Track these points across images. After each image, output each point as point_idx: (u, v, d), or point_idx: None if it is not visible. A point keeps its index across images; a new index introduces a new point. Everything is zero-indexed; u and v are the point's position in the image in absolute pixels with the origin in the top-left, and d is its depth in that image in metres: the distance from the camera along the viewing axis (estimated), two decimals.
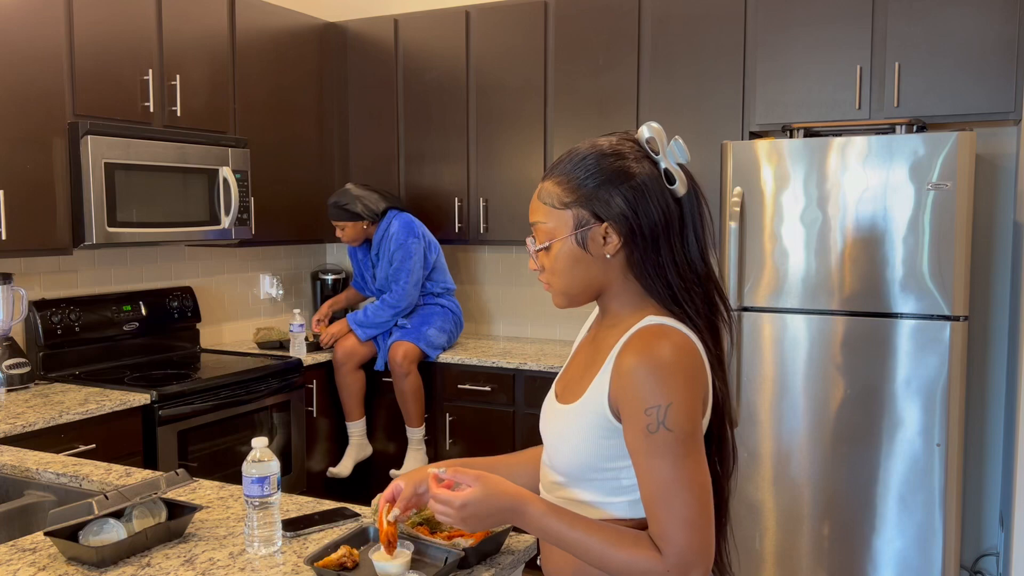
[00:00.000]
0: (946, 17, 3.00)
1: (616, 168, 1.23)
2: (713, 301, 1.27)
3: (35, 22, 2.86)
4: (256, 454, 1.53)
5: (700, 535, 1.15)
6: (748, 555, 3.06)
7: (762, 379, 2.99)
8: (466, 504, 1.21)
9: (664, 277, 1.25)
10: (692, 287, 1.25)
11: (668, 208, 1.23)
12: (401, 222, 3.70)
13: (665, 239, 1.24)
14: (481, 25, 3.85)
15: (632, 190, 1.22)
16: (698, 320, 1.25)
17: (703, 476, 1.17)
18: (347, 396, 3.75)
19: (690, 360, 1.19)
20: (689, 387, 1.17)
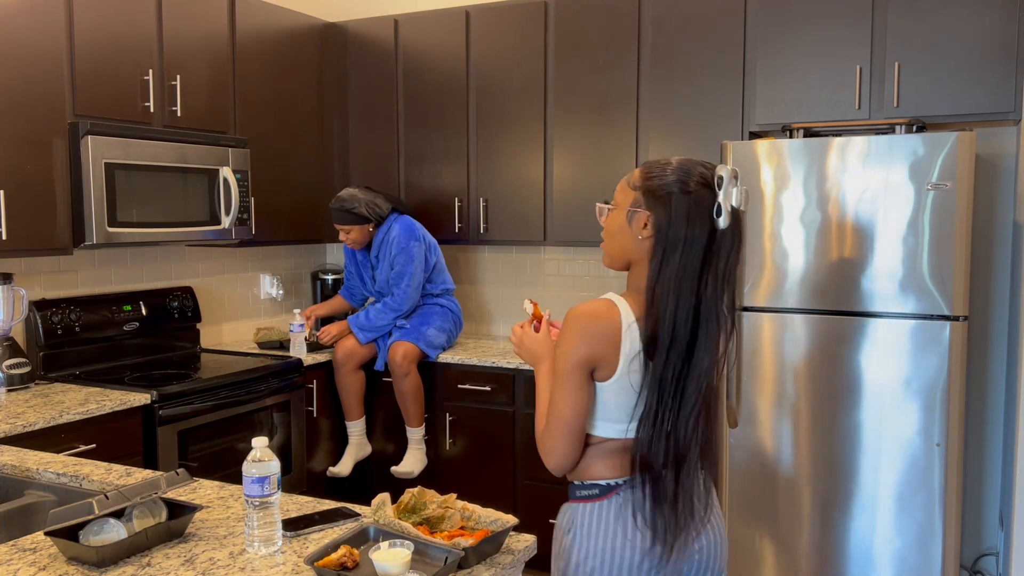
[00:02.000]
0: (946, 17, 3.00)
1: (679, 181, 1.50)
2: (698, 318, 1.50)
3: (35, 22, 2.87)
4: (256, 454, 1.53)
5: (545, 442, 1.57)
6: (748, 555, 3.06)
7: (762, 379, 3.00)
8: (523, 338, 1.70)
9: (663, 277, 1.49)
10: (681, 300, 1.49)
11: (699, 232, 1.49)
12: (402, 225, 3.69)
13: (684, 253, 1.49)
14: (481, 25, 3.85)
15: (678, 203, 1.49)
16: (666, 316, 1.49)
17: (565, 407, 1.53)
18: (347, 396, 3.75)
19: (592, 323, 1.51)
20: (576, 341, 1.51)
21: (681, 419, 1.53)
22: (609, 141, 3.62)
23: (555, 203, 3.75)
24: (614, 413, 1.56)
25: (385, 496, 1.63)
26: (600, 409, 1.56)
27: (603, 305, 1.53)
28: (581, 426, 1.55)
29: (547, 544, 3.59)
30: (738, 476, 3.05)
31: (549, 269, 4.17)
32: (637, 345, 1.52)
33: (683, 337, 1.50)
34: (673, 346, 1.50)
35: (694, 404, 1.53)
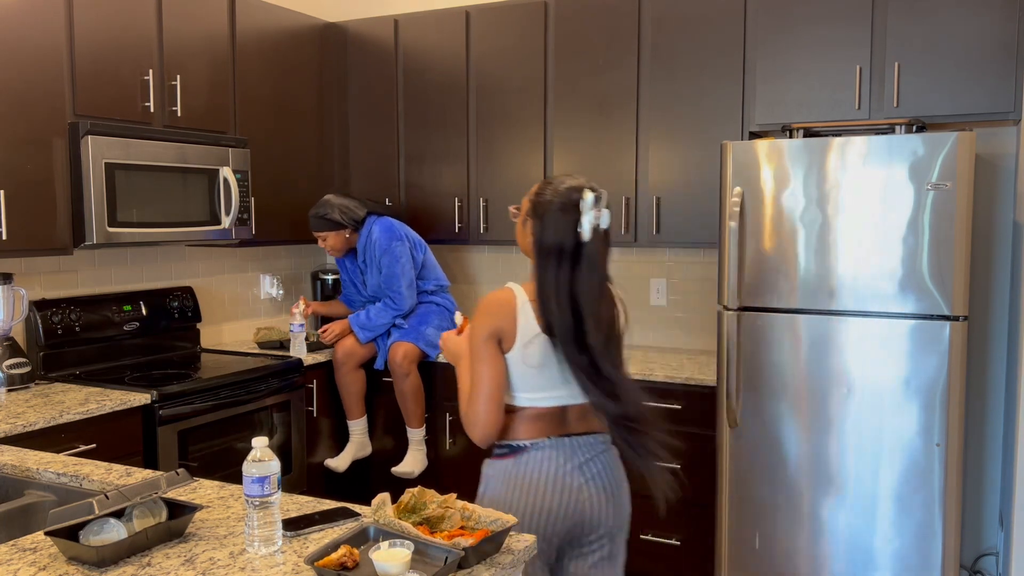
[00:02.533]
0: (946, 17, 3.00)
1: (554, 201, 1.86)
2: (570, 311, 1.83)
3: (35, 22, 2.87)
4: (256, 454, 1.53)
5: (470, 414, 1.85)
6: (748, 554, 3.06)
7: (761, 379, 3.00)
8: (447, 342, 2.03)
9: (540, 272, 1.86)
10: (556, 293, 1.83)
11: (567, 242, 1.83)
12: (382, 227, 3.67)
13: (555, 256, 1.84)
14: (481, 25, 3.85)
15: (551, 218, 1.85)
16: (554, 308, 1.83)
17: (483, 375, 1.84)
18: (347, 395, 3.75)
19: (495, 305, 1.88)
20: (483, 318, 1.87)
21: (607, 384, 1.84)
22: (609, 141, 3.63)
23: None
24: (521, 385, 1.89)
25: (385, 496, 1.63)
26: (521, 380, 1.90)
27: (502, 291, 1.92)
28: (500, 393, 1.86)
29: None
30: (737, 475, 3.05)
31: None
32: (533, 322, 1.87)
33: (567, 320, 1.83)
34: (562, 327, 1.83)
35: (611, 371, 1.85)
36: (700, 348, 3.87)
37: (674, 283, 3.91)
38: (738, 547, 3.07)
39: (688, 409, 3.26)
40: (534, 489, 1.85)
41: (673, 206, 3.52)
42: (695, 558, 3.30)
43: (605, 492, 1.91)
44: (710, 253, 3.82)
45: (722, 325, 3.04)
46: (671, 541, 3.32)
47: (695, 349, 3.87)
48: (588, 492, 1.88)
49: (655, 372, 3.31)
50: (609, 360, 1.85)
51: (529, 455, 1.86)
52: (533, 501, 1.85)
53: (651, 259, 3.95)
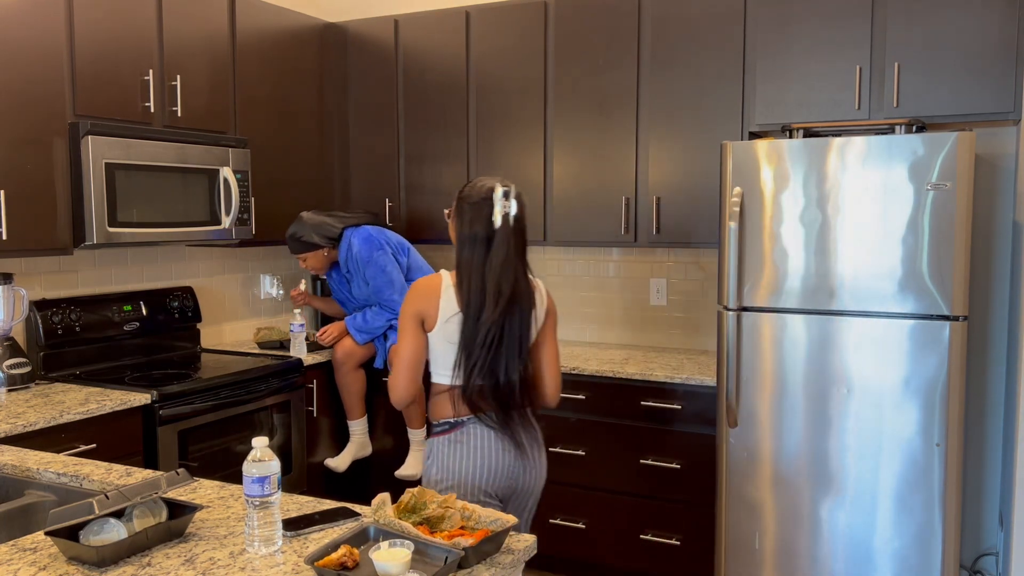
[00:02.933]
0: (946, 17, 3.00)
1: (470, 196, 2.15)
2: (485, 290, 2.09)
3: (35, 22, 2.87)
4: (256, 454, 1.53)
5: (392, 380, 2.17)
6: (748, 555, 3.06)
7: (761, 379, 3.00)
8: None
9: (459, 258, 2.14)
10: (471, 276, 2.11)
11: (480, 231, 2.11)
12: (360, 239, 3.64)
13: (469, 245, 2.12)
14: (481, 25, 3.85)
15: (466, 211, 2.14)
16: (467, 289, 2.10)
17: (405, 349, 2.14)
18: (347, 395, 3.75)
19: (421, 289, 2.16)
20: (410, 302, 2.15)
21: (498, 369, 2.11)
22: (609, 141, 3.63)
23: (555, 203, 3.76)
24: (447, 363, 2.15)
25: (385, 496, 1.63)
26: (437, 359, 2.17)
27: (432, 276, 2.20)
28: (417, 365, 2.16)
29: (546, 545, 3.60)
30: (737, 475, 3.05)
31: (549, 269, 4.18)
32: (454, 303, 2.13)
33: (476, 304, 2.10)
34: (471, 304, 2.10)
35: (507, 357, 2.11)
36: (700, 348, 3.87)
37: (674, 283, 3.91)
38: (738, 547, 3.07)
39: (688, 409, 3.26)
40: (472, 457, 2.13)
41: (673, 206, 3.52)
42: (695, 558, 3.30)
43: (529, 457, 2.20)
44: (710, 253, 3.82)
45: (722, 325, 3.04)
46: (671, 541, 3.32)
47: (695, 349, 3.87)
48: (517, 458, 2.17)
49: (655, 372, 3.31)
50: (498, 337, 2.10)
51: (465, 429, 2.15)
52: (473, 467, 2.13)
53: (651, 259, 3.95)
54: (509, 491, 2.19)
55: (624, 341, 4.04)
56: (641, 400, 3.34)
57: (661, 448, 3.32)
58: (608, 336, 4.07)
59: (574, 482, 3.49)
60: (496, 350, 2.10)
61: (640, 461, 3.36)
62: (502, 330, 2.11)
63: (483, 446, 2.13)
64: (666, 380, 3.27)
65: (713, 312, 3.84)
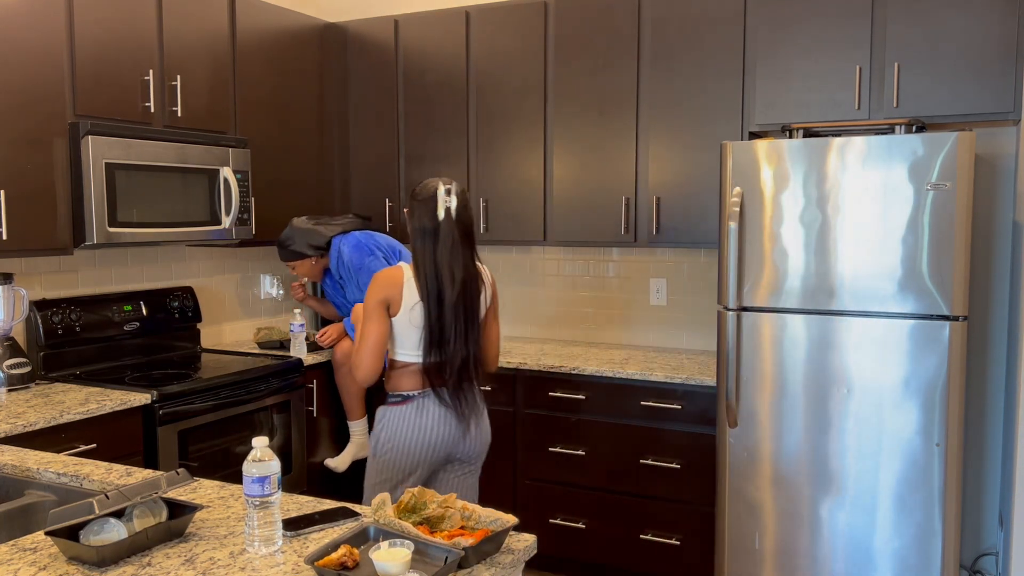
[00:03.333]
0: (946, 17, 3.00)
1: (419, 195, 2.44)
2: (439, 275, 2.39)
3: (36, 22, 2.87)
4: (257, 453, 1.53)
5: (356, 359, 2.41)
6: (748, 555, 3.06)
7: (761, 379, 3.00)
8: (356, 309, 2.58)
9: (413, 248, 2.42)
10: (425, 264, 2.39)
11: (428, 223, 2.40)
12: (350, 246, 3.62)
13: (422, 237, 2.41)
14: (481, 25, 3.85)
15: (416, 207, 2.44)
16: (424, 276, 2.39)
17: (371, 332, 2.39)
18: (347, 396, 3.75)
19: (386, 279, 2.42)
20: (377, 289, 2.40)
21: (457, 346, 2.40)
22: (609, 141, 3.63)
23: (555, 203, 3.76)
24: (408, 344, 2.44)
25: (385, 496, 1.63)
26: (401, 340, 2.44)
27: (395, 268, 2.45)
28: (381, 347, 2.40)
29: (546, 545, 3.60)
30: (737, 475, 3.05)
31: (549, 269, 4.18)
32: (415, 292, 2.40)
33: (433, 289, 2.38)
34: (429, 297, 2.38)
35: (453, 333, 2.40)
36: (700, 348, 3.87)
37: (674, 283, 3.91)
38: (738, 547, 3.08)
39: (688, 409, 3.26)
40: (420, 427, 2.43)
41: (673, 206, 3.52)
42: (695, 558, 3.30)
43: (472, 428, 2.50)
44: (710, 253, 3.82)
45: (722, 325, 3.04)
46: (671, 541, 3.33)
47: (695, 349, 3.87)
48: (460, 428, 2.46)
49: (655, 372, 3.31)
50: (456, 317, 2.40)
51: (416, 402, 2.44)
52: (419, 436, 2.43)
53: (651, 259, 3.95)
54: (446, 460, 2.51)
55: (624, 341, 4.04)
56: (641, 400, 3.34)
57: (661, 448, 3.32)
58: (608, 336, 4.07)
59: (574, 482, 3.49)
60: (457, 328, 2.41)
61: (640, 461, 3.36)
62: (464, 310, 2.42)
63: (430, 419, 2.44)
64: (666, 380, 3.28)
65: (713, 312, 3.84)
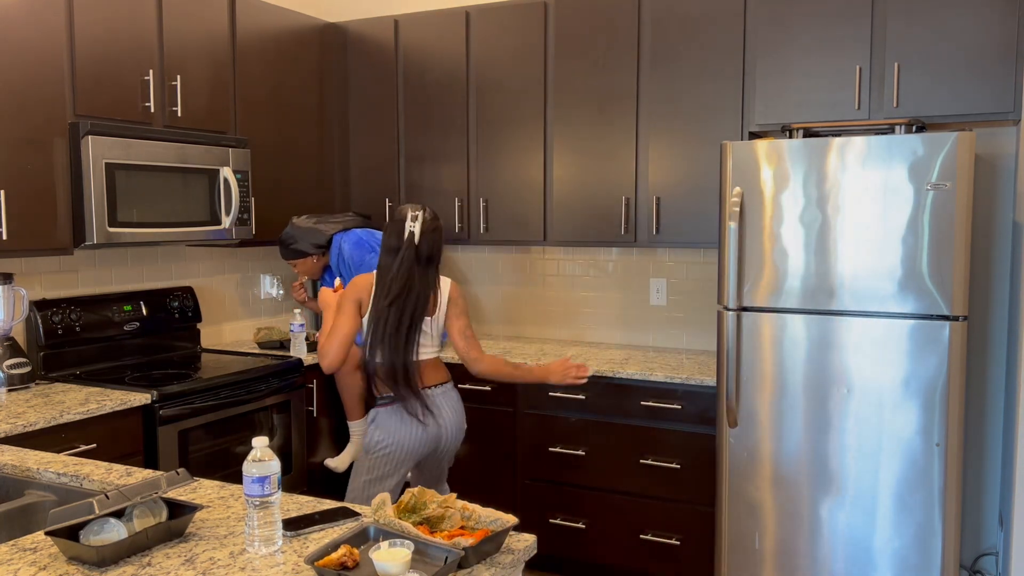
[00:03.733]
0: (946, 17, 3.00)
1: (394, 218, 2.77)
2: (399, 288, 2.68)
3: (36, 22, 2.87)
4: (257, 453, 1.53)
5: (326, 348, 2.68)
6: (748, 554, 3.06)
7: (761, 379, 3.00)
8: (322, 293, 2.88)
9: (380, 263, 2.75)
10: (394, 276, 2.69)
11: (395, 241, 2.72)
12: (351, 244, 3.69)
13: (389, 252, 2.73)
14: (481, 25, 3.85)
15: (389, 227, 2.75)
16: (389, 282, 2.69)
17: (343, 325, 2.68)
18: (347, 396, 3.75)
19: (362, 282, 2.74)
20: (352, 290, 2.72)
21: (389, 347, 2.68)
22: (609, 141, 3.63)
23: (555, 203, 3.76)
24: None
25: (385, 496, 1.63)
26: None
27: (368, 274, 2.78)
28: (349, 340, 2.69)
29: (546, 545, 3.60)
30: (737, 475, 3.05)
31: (549, 269, 4.18)
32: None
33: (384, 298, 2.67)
34: (378, 299, 2.69)
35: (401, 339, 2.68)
36: (700, 348, 3.87)
37: (674, 283, 3.91)
38: (738, 547, 3.08)
39: (688, 409, 3.26)
40: (410, 423, 2.72)
41: (673, 206, 3.53)
42: (695, 558, 3.30)
43: (450, 424, 2.80)
44: (710, 253, 3.83)
45: (722, 325, 3.04)
46: (671, 541, 3.33)
47: (695, 349, 3.87)
48: (441, 427, 2.77)
49: (655, 372, 3.31)
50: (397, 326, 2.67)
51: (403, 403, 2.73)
52: (409, 432, 2.73)
53: (651, 259, 3.95)
54: (432, 452, 2.81)
55: (624, 341, 4.04)
56: (641, 400, 3.34)
57: (661, 448, 3.32)
58: (608, 336, 4.07)
59: (574, 482, 3.49)
60: (398, 335, 2.68)
61: (640, 461, 3.36)
62: (408, 321, 2.69)
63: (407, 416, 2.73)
64: (666, 380, 3.28)
65: (713, 312, 3.84)
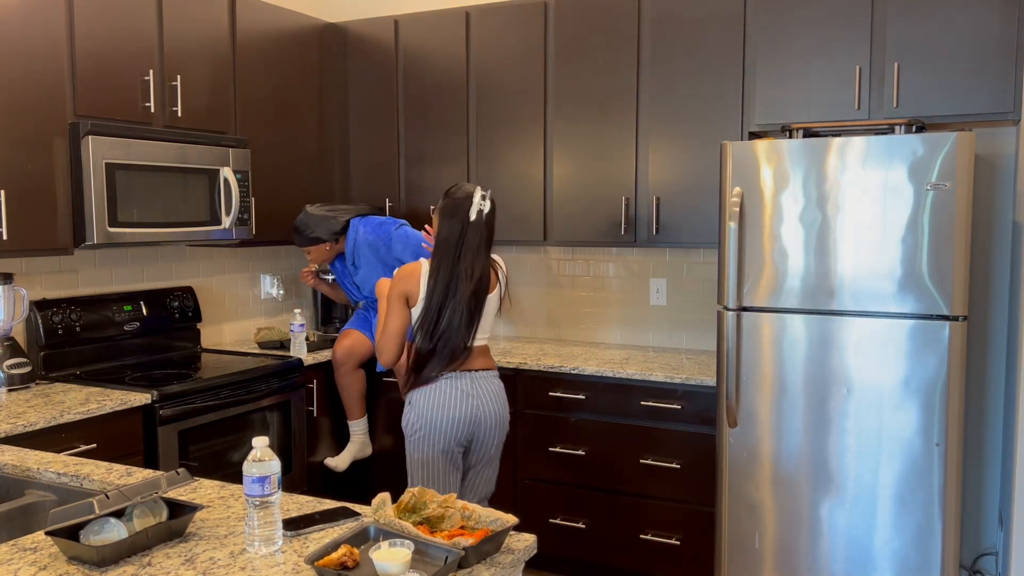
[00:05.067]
0: (946, 17, 3.00)
1: (451, 195, 2.67)
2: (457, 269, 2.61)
3: (36, 22, 2.87)
4: (257, 453, 1.53)
5: (380, 345, 2.67)
6: (748, 554, 3.06)
7: (761, 379, 3.00)
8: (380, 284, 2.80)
9: (438, 241, 2.65)
10: (445, 258, 2.62)
11: (455, 223, 2.62)
12: (369, 227, 3.62)
13: (448, 234, 2.62)
14: (481, 25, 3.85)
15: (447, 207, 2.65)
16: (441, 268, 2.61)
17: (392, 321, 2.65)
18: (347, 396, 3.75)
19: (403, 273, 2.66)
20: (397, 283, 2.65)
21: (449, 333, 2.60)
22: (609, 141, 3.63)
23: (555, 203, 3.76)
24: None
25: (385, 496, 1.63)
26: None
27: (413, 264, 2.69)
28: (402, 335, 2.66)
29: (546, 544, 3.60)
30: (737, 475, 3.05)
31: (549, 269, 4.18)
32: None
33: (448, 281, 2.60)
34: (438, 286, 2.60)
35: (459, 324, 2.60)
36: (700, 348, 3.87)
37: (674, 283, 3.91)
38: (738, 547, 3.08)
39: (688, 409, 3.26)
40: (443, 405, 2.63)
41: (673, 206, 3.53)
42: (695, 558, 3.30)
43: (491, 411, 2.70)
44: (710, 253, 3.83)
45: (722, 325, 3.04)
46: (671, 541, 3.33)
47: (695, 349, 3.87)
48: (479, 409, 2.67)
49: (655, 372, 3.31)
50: (461, 311, 2.59)
51: (440, 383, 2.65)
52: (443, 413, 2.64)
53: (651, 259, 3.95)
54: (470, 437, 2.70)
55: (624, 341, 4.04)
56: (641, 400, 3.34)
57: (661, 448, 3.33)
58: (608, 336, 4.07)
59: (574, 482, 3.49)
60: (461, 320, 2.60)
61: (640, 461, 3.36)
62: (471, 306, 2.61)
63: (448, 397, 2.64)
64: (666, 380, 3.28)
65: (713, 312, 3.84)
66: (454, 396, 2.65)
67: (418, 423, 2.66)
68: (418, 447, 2.67)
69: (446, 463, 2.68)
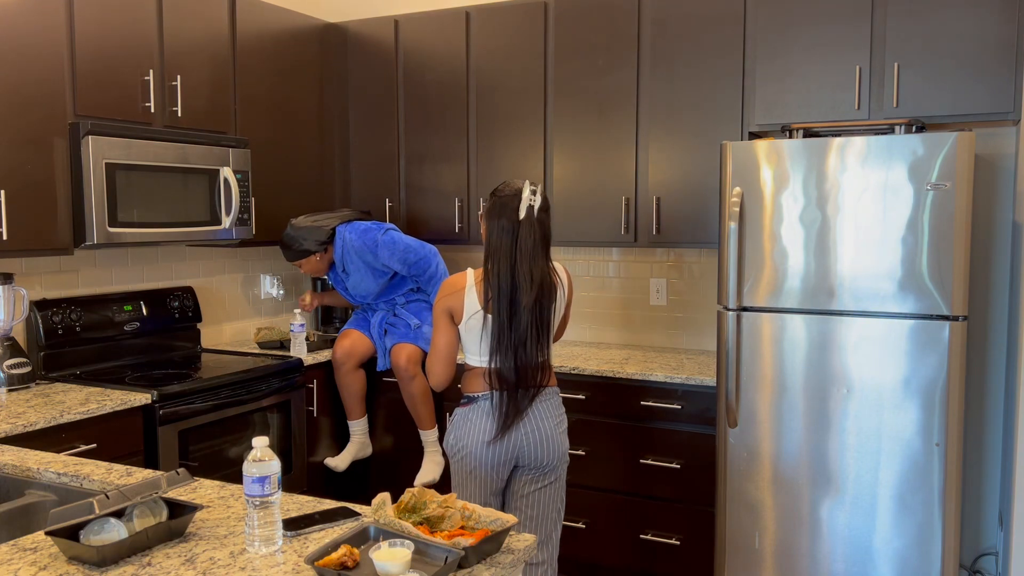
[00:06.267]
0: (946, 17, 3.00)
1: (499, 193, 2.42)
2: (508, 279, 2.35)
3: (36, 22, 2.87)
4: (257, 453, 1.53)
5: (430, 365, 2.49)
6: (748, 554, 3.06)
7: (761, 379, 3.00)
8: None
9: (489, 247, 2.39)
10: (500, 264, 2.36)
11: (506, 222, 2.37)
12: (355, 232, 3.61)
13: (497, 234, 2.37)
14: (481, 25, 3.85)
15: (495, 205, 2.41)
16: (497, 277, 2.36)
17: (438, 341, 2.46)
18: (347, 396, 3.75)
19: (448, 287, 2.44)
20: (441, 299, 2.44)
21: (518, 348, 2.37)
22: (609, 141, 3.63)
23: (555, 203, 3.76)
24: (472, 348, 2.45)
25: (385, 496, 1.63)
26: (466, 345, 2.46)
27: (458, 275, 2.46)
28: (450, 355, 2.47)
29: None
30: (737, 475, 3.05)
31: None
32: (475, 302, 2.40)
33: (507, 291, 2.34)
34: (500, 298, 2.35)
35: (526, 337, 2.37)
36: (700, 348, 3.87)
37: (674, 283, 3.91)
38: (738, 547, 3.08)
39: (688, 409, 3.26)
40: (480, 428, 2.42)
41: (673, 206, 3.53)
42: (695, 558, 3.30)
43: (538, 432, 2.44)
44: (710, 253, 3.83)
45: (722, 325, 3.04)
46: (671, 541, 3.33)
47: (695, 349, 3.87)
48: (523, 430, 2.42)
49: (655, 372, 3.31)
50: (529, 322, 2.36)
51: (479, 403, 2.44)
52: (479, 437, 2.43)
53: (651, 259, 3.95)
54: (515, 464, 2.46)
55: (624, 341, 4.04)
56: (641, 400, 3.34)
57: (661, 448, 3.33)
58: (608, 336, 4.07)
59: (574, 482, 3.49)
60: (530, 334, 2.37)
61: (640, 461, 3.36)
62: (538, 315, 2.38)
63: (488, 420, 2.42)
64: (666, 380, 3.28)
65: (713, 312, 3.84)
66: (484, 421, 2.42)
67: (456, 445, 2.46)
68: (458, 470, 2.49)
69: (486, 494, 2.47)
